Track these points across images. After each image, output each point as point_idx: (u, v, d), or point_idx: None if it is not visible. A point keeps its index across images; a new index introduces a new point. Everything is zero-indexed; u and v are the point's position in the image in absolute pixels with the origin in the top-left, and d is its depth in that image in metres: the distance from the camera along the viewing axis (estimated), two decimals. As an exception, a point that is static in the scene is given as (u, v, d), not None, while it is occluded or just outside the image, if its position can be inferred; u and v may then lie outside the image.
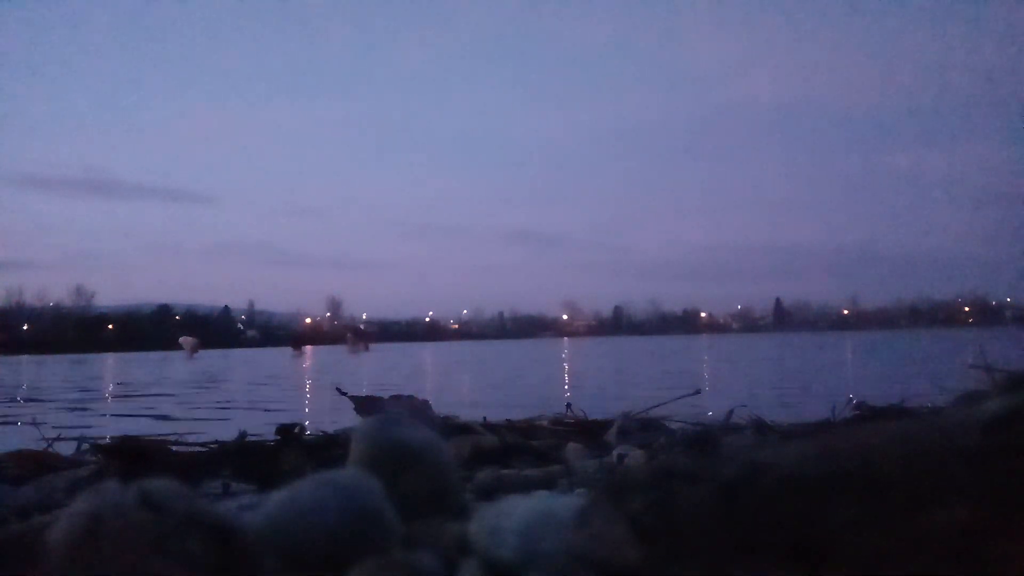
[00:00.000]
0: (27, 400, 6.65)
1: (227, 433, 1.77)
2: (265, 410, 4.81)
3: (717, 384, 6.27)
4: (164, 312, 75.18)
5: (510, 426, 2.03)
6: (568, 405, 2.39)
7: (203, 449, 1.65)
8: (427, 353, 21.76)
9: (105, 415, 4.92)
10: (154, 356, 25.50)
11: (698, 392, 2.30)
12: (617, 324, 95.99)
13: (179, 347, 24.58)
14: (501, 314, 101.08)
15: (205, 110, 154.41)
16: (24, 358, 32.60)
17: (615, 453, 1.59)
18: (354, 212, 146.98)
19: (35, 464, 1.64)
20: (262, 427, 2.01)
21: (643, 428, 2.03)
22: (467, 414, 2.07)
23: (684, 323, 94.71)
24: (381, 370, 11.37)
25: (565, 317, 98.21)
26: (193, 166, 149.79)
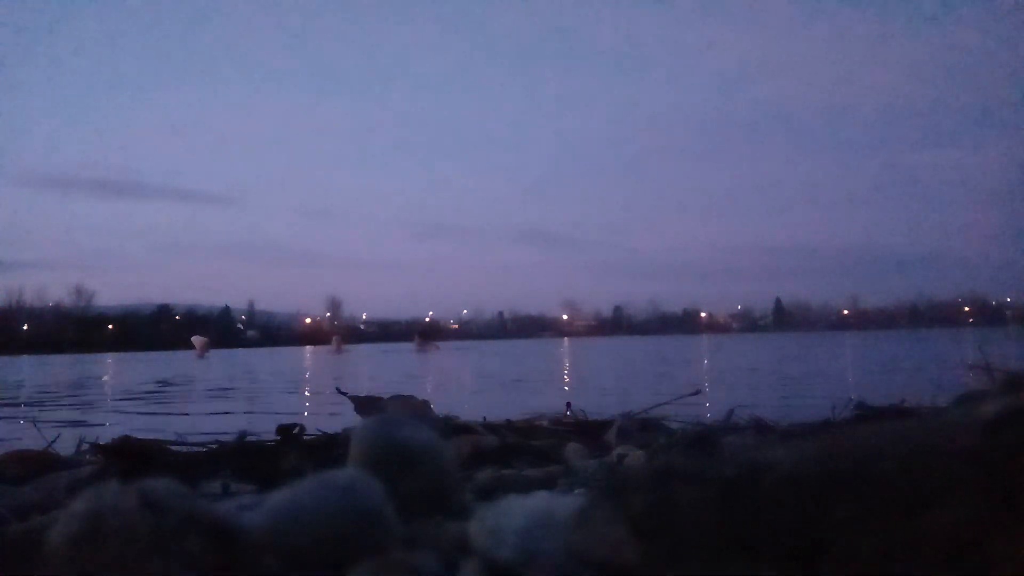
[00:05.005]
0: (27, 400, 6.65)
1: (227, 433, 1.77)
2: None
3: (717, 384, 6.28)
4: (164, 312, 75.19)
5: (510, 426, 2.03)
6: (568, 405, 2.39)
7: (203, 449, 1.65)
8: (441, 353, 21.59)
9: (105, 414, 4.92)
10: (154, 356, 25.51)
11: (698, 392, 2.31)
12: (617, 324, 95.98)
13: (179, 347, 24.76)
14: (501, 314, 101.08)
15: (227, 112, 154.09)
16: (24, 358, 32.60)
17: (615, 453, 1.59)
18: (365, 212, 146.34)
19: (35, 464, 1.64)
20: (262, 427, 2.01)
21: (643, 428, 2.04)
22: (467, 414, 2.07)
23: (684, 323, 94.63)
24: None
25: (565, 317, 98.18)
26: (215, 168, 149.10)
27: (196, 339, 24.38)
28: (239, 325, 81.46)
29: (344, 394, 2.08)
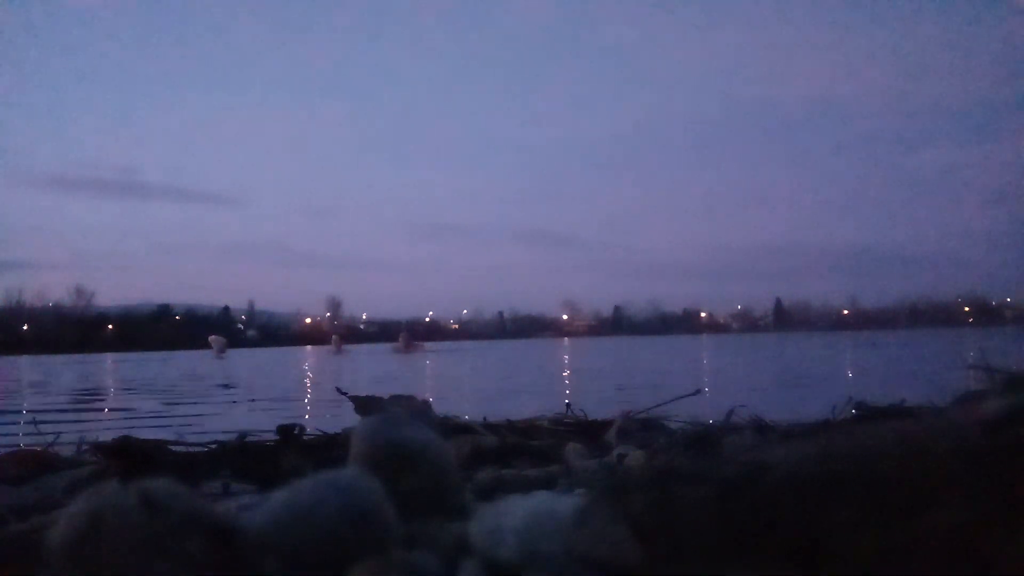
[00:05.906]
0: (26, 400, 6.65)
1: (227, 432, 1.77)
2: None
3: (717, 384, 6.28)
4: (164, 312, 75.18)
5: (510, 426, 2.03)
6: (568, 405, 2.39)
7: (203, 449, 1.65)
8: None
9: (104, 415, 4.92)
10: (155, 356, 25.51)
11: (698, 392, 2.30)
12: (617, 324, 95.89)
13: (179, 347, 25.03)
14: (501, 314, 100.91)
15: (227, 112, 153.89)
16: (24, 358, 32.57)
17: (615, 453, 1.59)
18: (367, 212, 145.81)
19: (35, 464, 1.64)
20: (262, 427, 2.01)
21: (643, 428, 2.03)
22: (467, 414, 2.07)
23: (684, 323, 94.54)
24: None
25: (565, 317, 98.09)
26: (216, 168, 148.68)
27: (214, 339, 24.86)
28: (239, 325, 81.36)
29: (344, 394, 2.08)
